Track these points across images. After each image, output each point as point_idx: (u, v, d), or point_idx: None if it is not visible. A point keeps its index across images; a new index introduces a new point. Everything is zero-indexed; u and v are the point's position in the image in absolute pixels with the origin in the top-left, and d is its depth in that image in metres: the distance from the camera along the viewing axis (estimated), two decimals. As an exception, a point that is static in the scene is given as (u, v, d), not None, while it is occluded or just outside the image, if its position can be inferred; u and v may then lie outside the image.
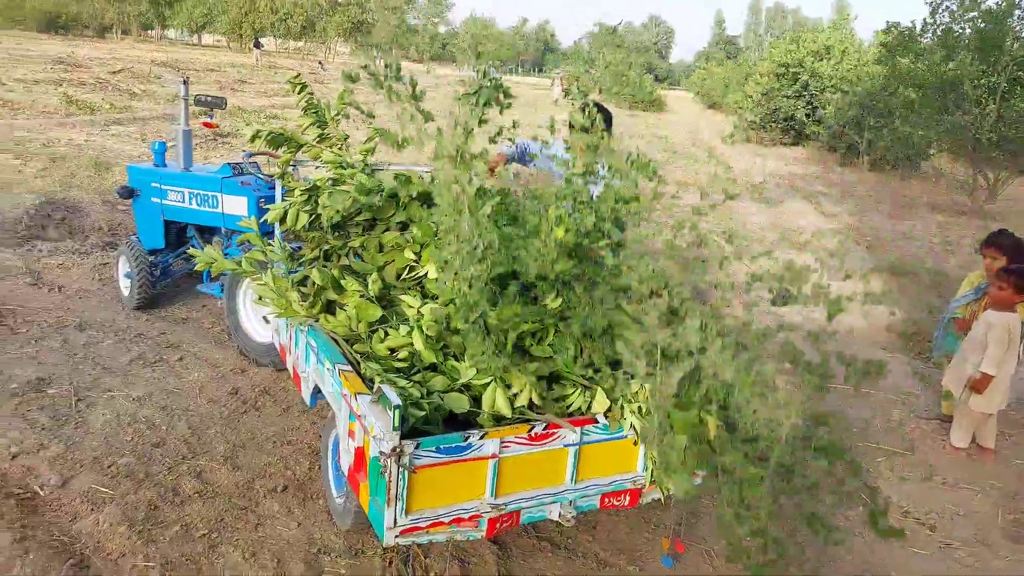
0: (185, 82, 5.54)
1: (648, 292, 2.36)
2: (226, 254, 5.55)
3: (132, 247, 5.65)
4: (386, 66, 2.69)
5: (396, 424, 2.41)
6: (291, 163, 4.13)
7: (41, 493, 3.32)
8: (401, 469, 2.45)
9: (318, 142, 4.17)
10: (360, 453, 2.73)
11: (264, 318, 4.97)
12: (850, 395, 5.21)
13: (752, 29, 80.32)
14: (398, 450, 2.42)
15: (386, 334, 3.05)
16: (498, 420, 2.69)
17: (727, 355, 2.10)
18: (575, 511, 2.88)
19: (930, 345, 5.92)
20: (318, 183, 3.81)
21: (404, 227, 3.64)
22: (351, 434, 2.84)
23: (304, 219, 3.83)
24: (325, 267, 3.53)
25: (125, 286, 5.79)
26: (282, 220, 3.84)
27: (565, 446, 2.76)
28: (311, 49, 61.32)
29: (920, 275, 8.76)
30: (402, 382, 2.72)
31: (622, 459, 2.92)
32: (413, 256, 3.43)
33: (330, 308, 3.40)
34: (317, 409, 4.01)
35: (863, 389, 5.30)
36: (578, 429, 2.75)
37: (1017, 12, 12.51)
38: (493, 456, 2.61)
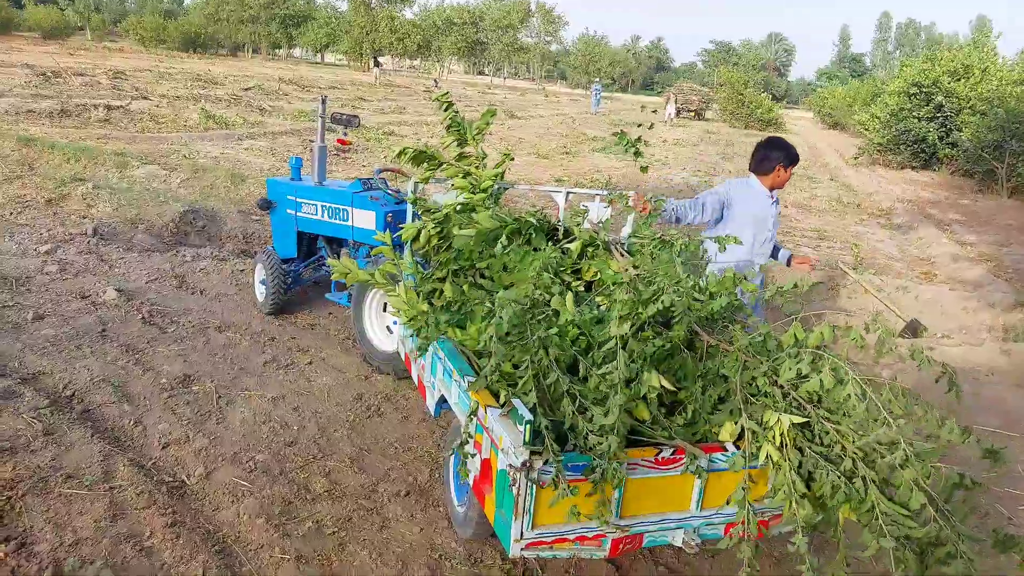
0: (324, 100, 5.87)
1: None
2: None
3: (268, 256, 6.01)
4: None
5: (527, 439, 2.45)
6: (422, 181, 4.29)
7: (188, 482, 3.58)
8: (530, 483, 2.49)
9: (457, 160, 4.31)
10: (486, 465, 2.79)
11: (388, 327, 5.18)
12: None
13: (880, 46, 76.60)
14: (528, 464, 2.45)
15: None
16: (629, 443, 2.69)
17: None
18: (699, 538, 2.83)
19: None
20: (449, 212, 3.95)
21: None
22: (477, 446, 2.91)
23: (435, 241, 3.98)
24: (455, 283, 3.64)
25: (260, 292, 6.16)
26: (414, 239, 4.01)
27: (691, 472, 2.72)
28: (427, 67, 63.47)
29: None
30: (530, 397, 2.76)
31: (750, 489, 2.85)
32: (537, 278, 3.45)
33: (458, 322, 3.50)
34: (438, 418, 4.12)
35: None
36: (706, 456, 2.70)
37: None
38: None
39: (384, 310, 5.22)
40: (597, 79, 36.17)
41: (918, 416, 2.37)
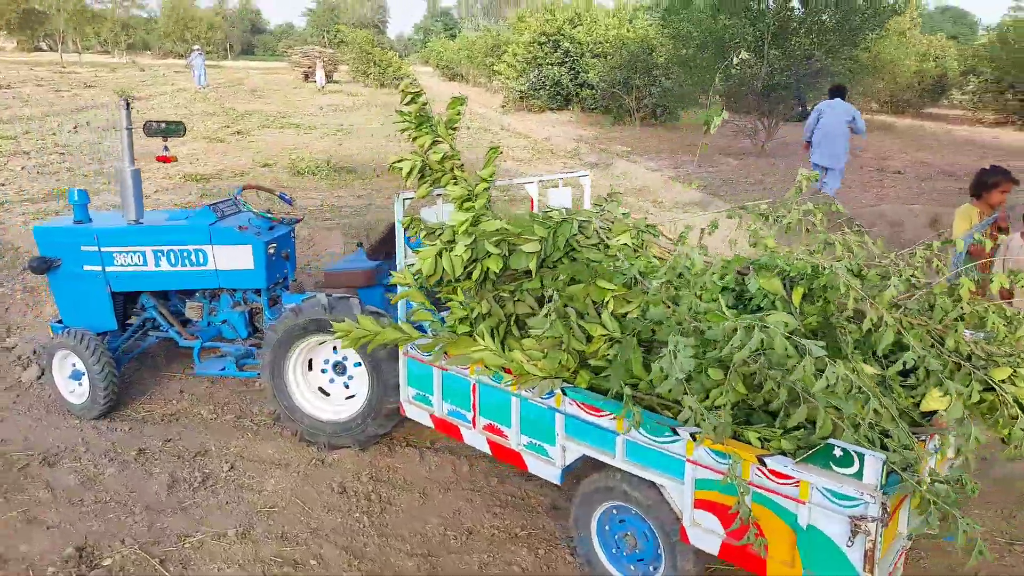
0: (127, 105, 4.26)
1: None
2: (208, 324, 4.50)
3: (76, 336, 4.28)
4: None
5: (884, 482, 2.13)
6: (421, 196, 3.40)
7: None
8: (881, 529, 2.17)
9: (440, 163, 3.47)
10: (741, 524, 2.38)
11: (320, 389, 4.10)
12: None
13: (463, 1, 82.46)
14: (888, 508, 2.14)
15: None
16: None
17: None
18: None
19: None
20: (456, 227, 3.20)
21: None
22: (709, 506, 2.47)
23: (459, 266, 3.19)
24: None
25: (73, 391, 4.43)
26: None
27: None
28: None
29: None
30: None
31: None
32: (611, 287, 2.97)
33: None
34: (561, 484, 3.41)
35: None
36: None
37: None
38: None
39: (310, 368, 4.11)
40: (197, 47, 32.52)
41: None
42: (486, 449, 3.27)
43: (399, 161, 3.45)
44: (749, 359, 2.33)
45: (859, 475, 2.16)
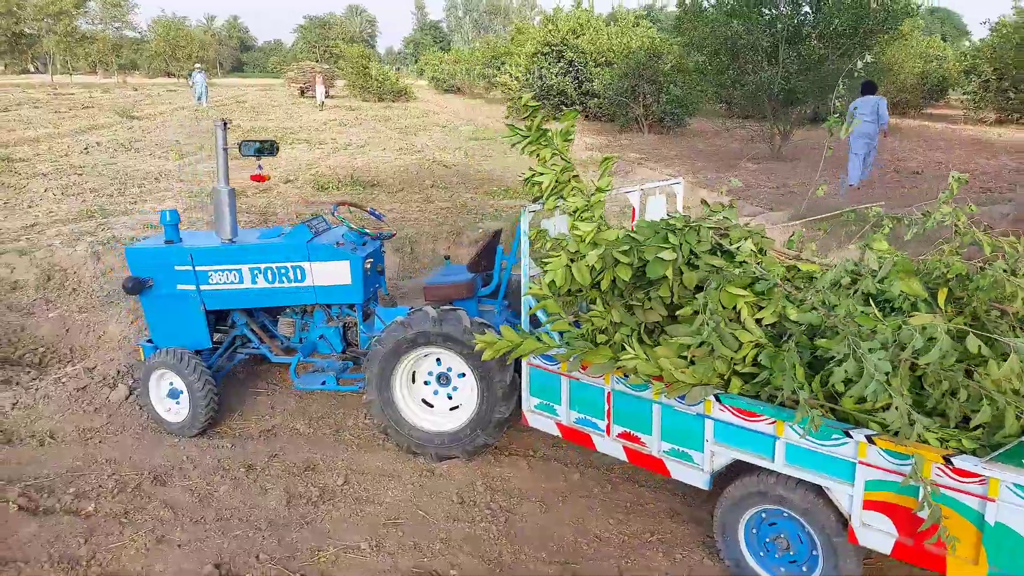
0: (224, 126, 4.29)
1: None
2: (300, 340, 4.52)
3: (172, 355, 4.30)
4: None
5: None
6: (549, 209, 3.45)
7: None
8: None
9: (561, 174, 3.53)
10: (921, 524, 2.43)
11: (423, 400, 4.12)
12: None
13: (452, 13, 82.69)
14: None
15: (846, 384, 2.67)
16: None
17: None
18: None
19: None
20: (583, 237, 3.25)
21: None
22: (880, 507, 2.51)
23: (588, 275, 3.23)
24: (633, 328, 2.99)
25: (171, 410, 4.45)
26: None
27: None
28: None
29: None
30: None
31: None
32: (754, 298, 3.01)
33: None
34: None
35: None
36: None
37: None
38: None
39: (413, 381, 4.13)
40: (199, 65, 32.62)
41: None
42: (621, 456, 3.30)
43: (534, 175, 3.49)
44: (934, 361, 2.38)
45: (1055, 470, 2.21)
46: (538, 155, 3.59)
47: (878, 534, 2.60)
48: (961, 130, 19.89)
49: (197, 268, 4.37)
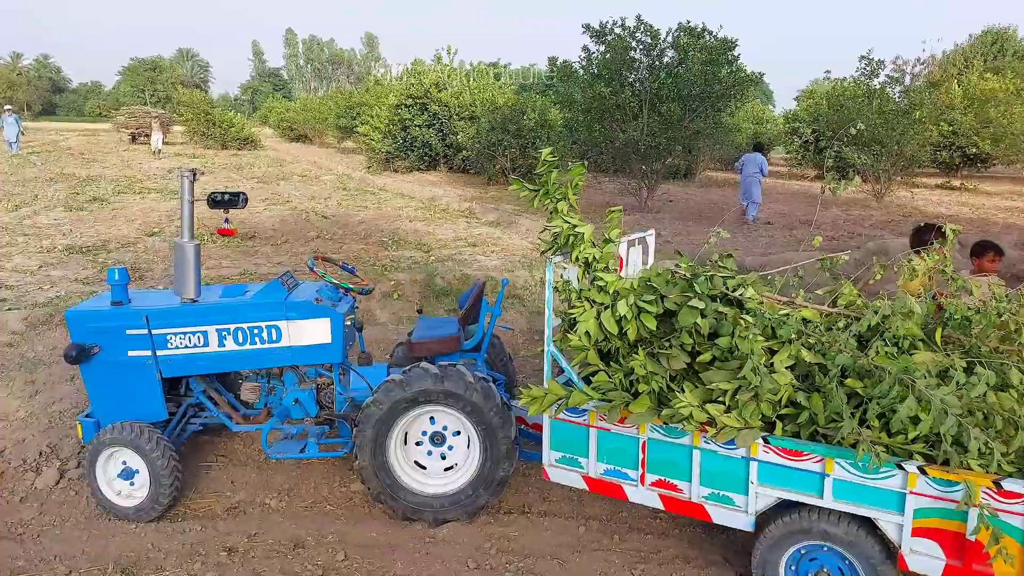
0: (192, 176, 3.95)
1: None
2: (266, 403, 4.22)
3: (132, 431, 3.83)
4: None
5: None
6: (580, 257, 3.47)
7: None
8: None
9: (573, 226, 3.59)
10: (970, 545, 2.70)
11: (416, 463, 3.96)
12: None
13: (292, 61, 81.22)
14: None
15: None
16: None
17: None
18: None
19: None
20: (608, 287, 3.36)
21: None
22: (928, 533, 2.75)
23: (614, 326, 3.31)
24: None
25: (124, 494, 3.93)
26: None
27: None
28: None
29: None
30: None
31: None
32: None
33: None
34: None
35: None
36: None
37: (636, 42, 15.55)
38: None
39: (405, 442, 3.96)
40: (8, 107, 29.77)
41: None
42: (657, 504, 3.34)
43: (550, 227, 3.54)
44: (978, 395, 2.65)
45: (1095, 487, 2.52)
46: (555, 208, 3.63)
47: (927, 559, 2.82)
48: (788, 184, 22.25)
49: (154, 331, 3.94)
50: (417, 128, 24.15)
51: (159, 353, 3.97)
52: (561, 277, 3.53)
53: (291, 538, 3.79)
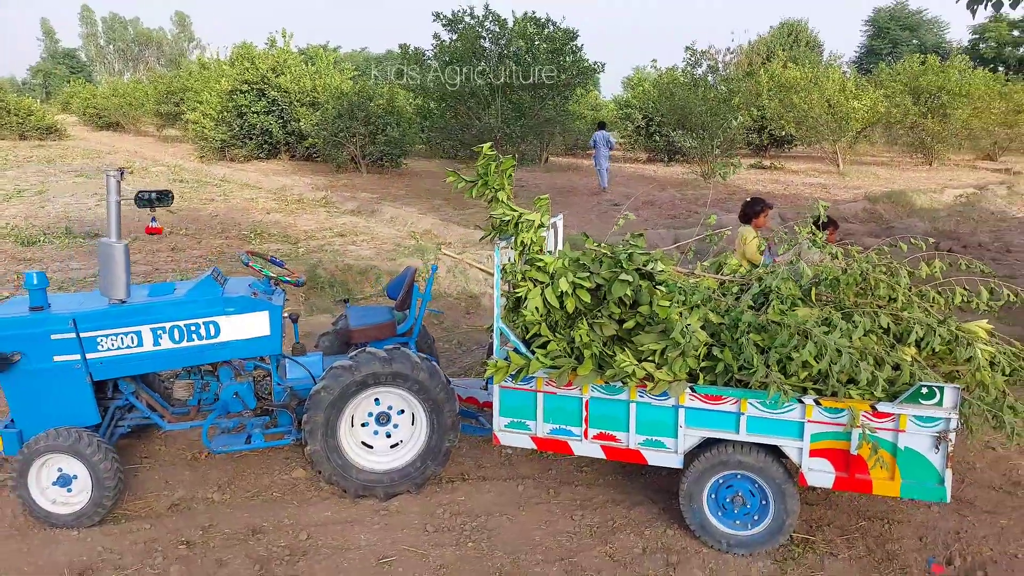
0: (119, 175, 3.86)
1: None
2: (200, 399, 4.27)
3: (69, 437, 3.73)
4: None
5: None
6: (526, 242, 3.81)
7: None
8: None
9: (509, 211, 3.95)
10: (854, 458, 3.41)
11: (363, 443, 4.18)
12: None
13: (91, 40, 73.80)
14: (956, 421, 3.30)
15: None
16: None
17: None
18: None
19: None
20: (549, 266, 3.78)
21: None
22: (821, 453, 3.45)
23: (556, 301, 3.76)
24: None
25: (58, 501, 3.78)
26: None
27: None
28: None
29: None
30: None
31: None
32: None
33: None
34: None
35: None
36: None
37: (485, 31, 16.05)
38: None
39: (352, 425, 4.16)
40: None
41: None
42: (599, 455, 3.80)
43: (497, 214, 3.86)
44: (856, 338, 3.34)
45: (940, 403, 3.27)
46: (494, 198, 3.96)
47: (821, 475, 3.49)
48: (623, 167, 23.79)
49: (83, 335, 3.82)
50: (255, 115, 23.16)
51: (89, 356, 3.86)
52: (509, 260, 3.88)
53: (246, 526, 3.87)
